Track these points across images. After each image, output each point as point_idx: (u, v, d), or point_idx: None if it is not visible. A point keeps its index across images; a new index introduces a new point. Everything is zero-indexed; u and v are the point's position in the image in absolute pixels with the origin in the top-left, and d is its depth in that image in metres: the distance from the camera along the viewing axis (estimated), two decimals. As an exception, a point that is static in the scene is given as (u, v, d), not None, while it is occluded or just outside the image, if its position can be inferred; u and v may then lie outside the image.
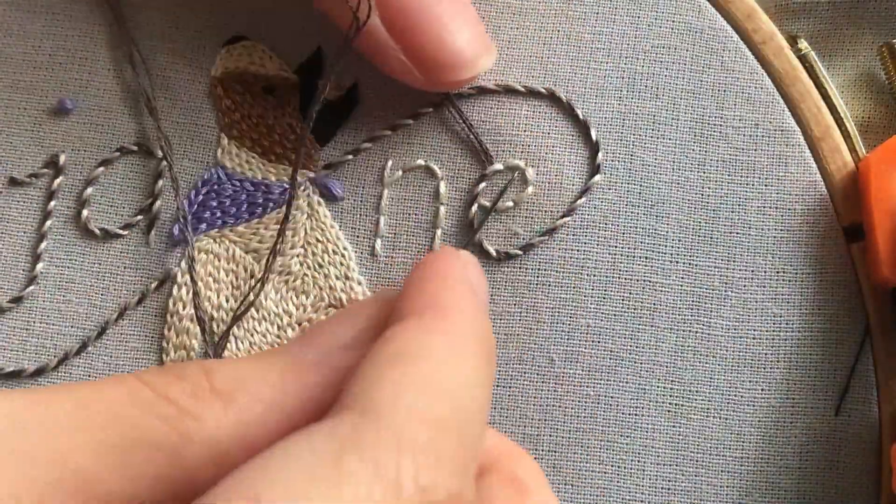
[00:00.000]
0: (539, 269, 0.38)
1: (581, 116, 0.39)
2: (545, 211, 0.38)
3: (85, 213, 0.40)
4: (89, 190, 0.40)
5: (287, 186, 0.40)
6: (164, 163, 0.40)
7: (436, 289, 0.30)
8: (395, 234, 0.39)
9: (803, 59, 0.39)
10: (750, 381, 0.38)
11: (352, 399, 0.26)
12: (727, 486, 0.37)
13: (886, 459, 0.37)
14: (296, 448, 0.24)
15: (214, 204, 0.40)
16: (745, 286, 0.38)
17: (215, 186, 0.40)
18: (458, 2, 0.37)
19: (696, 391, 0.38)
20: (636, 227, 0.38)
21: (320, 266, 0.39)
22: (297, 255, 0.39)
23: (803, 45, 0.39)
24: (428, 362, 0.27)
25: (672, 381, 0.38)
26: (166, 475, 0.27)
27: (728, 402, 0.38)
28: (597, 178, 0.38)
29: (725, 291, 0.38)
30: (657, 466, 0.37)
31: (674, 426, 0.38)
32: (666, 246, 0.38)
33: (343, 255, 0.39)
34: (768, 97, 0.39)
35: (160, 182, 0.40)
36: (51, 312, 0.40)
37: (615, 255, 0.38)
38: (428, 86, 0.37)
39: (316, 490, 0.23)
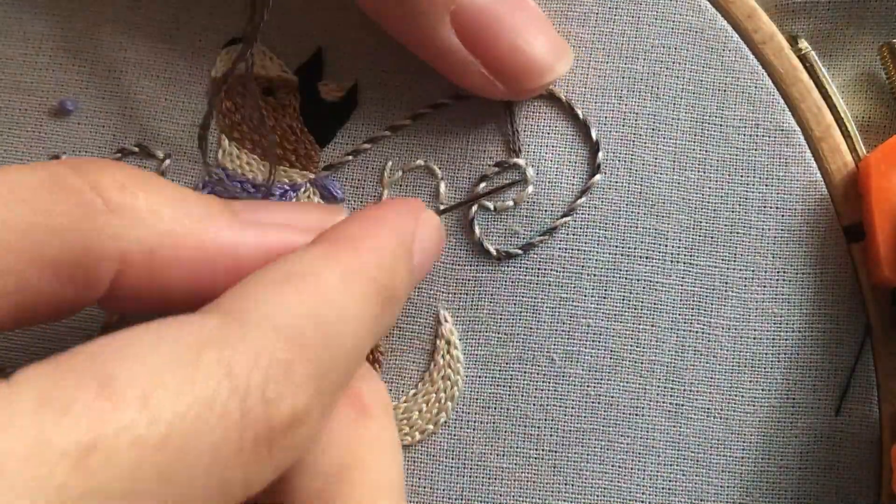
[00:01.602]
0: (539, 269, 0.38)
1: (581, 116, 0.39)
2: (545, 210, 0.38)
3: (86, 213, 0.40)
4: (90, 191, 0.40)
5: (288, 188, 0.40)
6: (167, 162, 0.40)
7: (357, 225, 0.31)
8: (395, 234, 0.39)
9: (803, 59, 0.39)
10: (750, 381, 0.38)
11: (228, 301, 0.27)
12: (728, 486, 0.37)
13: (887, 459, 0.37)
14: (161, 331, 0.25)
15: (215, 205, 0.40)
16: (745, 286, 0.38)
17: (216, 188, 0.40)
18: (531, 9, 0.37)
19: (697, 391, 0.38)
20: (636, 227, 0.38)
21: (321, 267, 0.39)
22: (298, 256, 0.39)
23: (803, 45, 0.39)
24: (309, 284, 0.28)
25: (672, 380, 0.38)
26: (71, 262, 0.28)
27: (728, 402, 0.38)
28: (597, 177, 0.38)
29: (726, 291, 0.38)
30: (658, 466, 0.38)
31: (674, 426, 0.38)
32: (666, 245, 0.38)
33: (343, 256, 0.39)
34: (768, 97, 0.39)
35: (161, 183, 0.40)
36: (52, 313, 0.40)
37: (615, 254, 0.38)
38: (510, 95, 0.38)
39: (171, 378, 0.24)
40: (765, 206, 0.38)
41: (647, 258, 0.38)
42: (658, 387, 0.38)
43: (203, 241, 0.30)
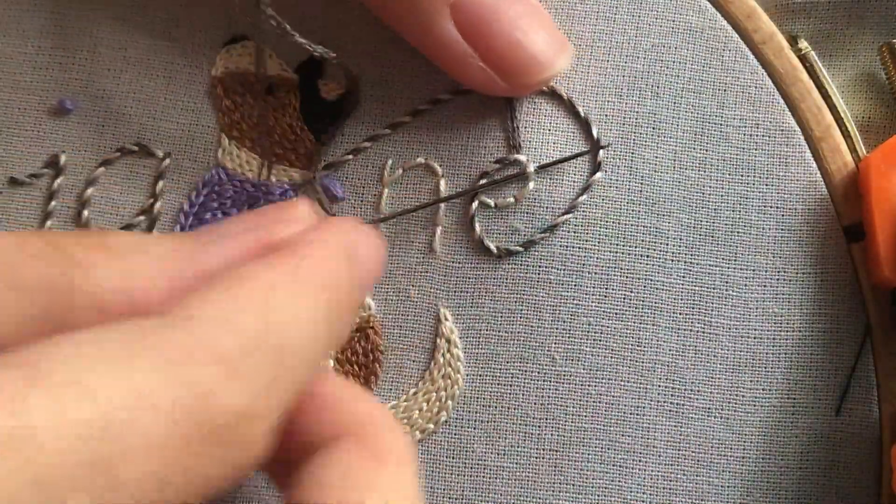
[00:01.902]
0: (540, 267, 0.38)
1: (582, 114, 0.39)
2: (546, 208, 0.38)
3: (85, 213, 0.40)
4: (90, 190, 0.40)
5: (287, 188, 0.40)
6: (167, 161, 0.40)
7: (301, 238, 0.31)
8: (395, 232, 0.39)
9: (803, 59, 0.39)
10: (751, 381, 0.38)
11: (172, 306, 0.27)
12: (728, 486, 0.37)
13: (887, 459, 0.37)
14: (96, 330, 0.25)
15: (215, 205, 0.40)
16: (745, 285, 0.38)
17: (216, 187, 0.40)
18: (531, 4, 0.38)
19: (697, 390, 0.38)
20: (637, 226, 0.38)
21: (320, 266, 0.39)
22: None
23: (803, 45, 0.39)
24: (256, 287, 0.28)
25: (673, 380, 0.38)
26: (52, 317, 0.27)
27: (729, 402, 0.37)
28: (598, 175, 0.38)
29: (726, 290, 0.38)
30: (658, 466, 0.37)
31: (675, 425, 0.37)
32: (667, 244, 0.38)
33: (343, 256, 0.39)
34: (769, 97, 0.39)
35: (161, 182, 0.40)
36: (50, 313, 0.39)
37: (616, 252, 0.38)
38: (510, 92, 0.38)
39: (105, 368, 0.23)
40: (765, 206, 0.38)
41: (647, 257, 0.38)
42: (658, 386, 0.38)
43: (172, 273, 0.29)
